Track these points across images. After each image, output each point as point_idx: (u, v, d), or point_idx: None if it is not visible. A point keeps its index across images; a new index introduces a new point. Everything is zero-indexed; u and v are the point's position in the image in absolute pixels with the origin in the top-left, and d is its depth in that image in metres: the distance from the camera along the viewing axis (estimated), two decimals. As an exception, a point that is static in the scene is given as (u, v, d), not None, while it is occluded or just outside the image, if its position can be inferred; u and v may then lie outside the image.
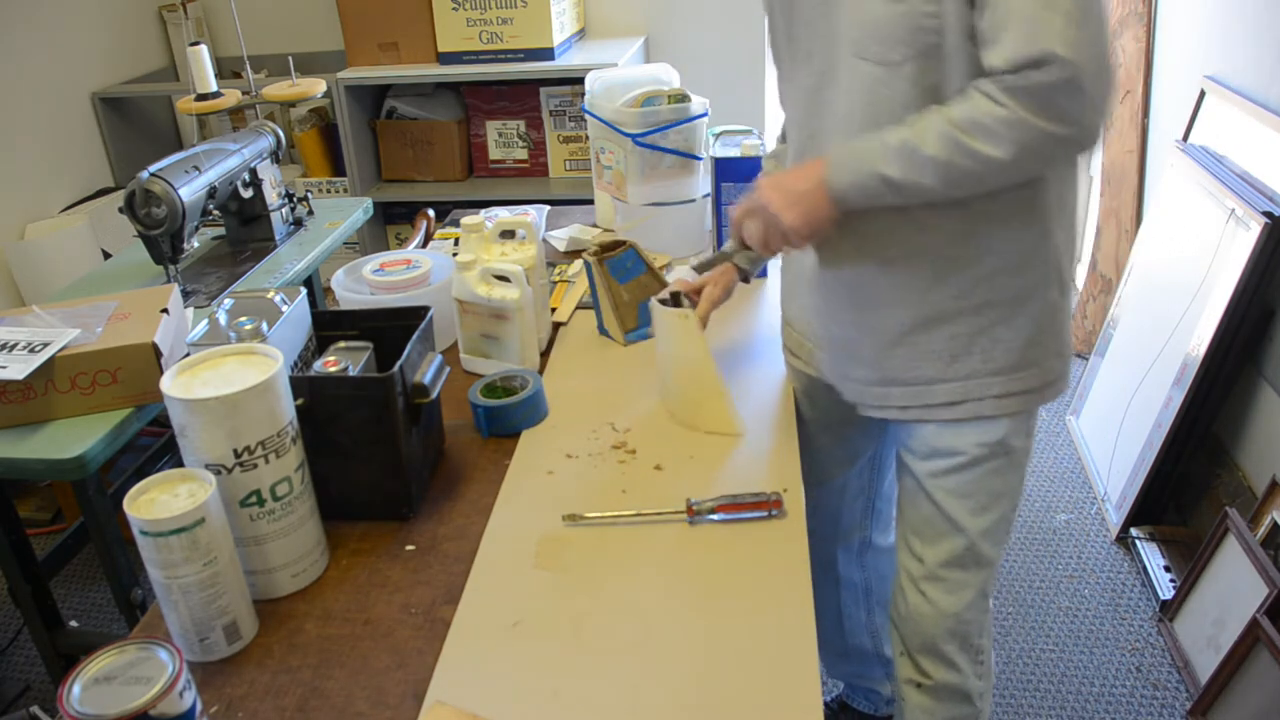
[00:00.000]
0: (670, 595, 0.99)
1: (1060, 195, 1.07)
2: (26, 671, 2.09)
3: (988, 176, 0.96)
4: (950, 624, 1.24)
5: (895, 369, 1.15)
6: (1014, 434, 1.15)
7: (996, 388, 1.11)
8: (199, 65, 2.16)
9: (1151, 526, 2.21)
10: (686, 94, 1.77)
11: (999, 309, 1.08)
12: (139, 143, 3.32)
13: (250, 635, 0.96)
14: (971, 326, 1.09)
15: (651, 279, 1.49)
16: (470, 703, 0.87)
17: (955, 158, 0.95)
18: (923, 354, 1.12)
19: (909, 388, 1.14)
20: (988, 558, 1.22)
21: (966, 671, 1.28)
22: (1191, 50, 2.48)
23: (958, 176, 0.96)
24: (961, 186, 0.98)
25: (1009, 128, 0.92)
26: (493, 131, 3.27)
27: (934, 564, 1.23)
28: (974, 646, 1.28)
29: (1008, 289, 1.08)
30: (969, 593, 1.23)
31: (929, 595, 1.24)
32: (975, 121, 0.93)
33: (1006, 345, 1.10)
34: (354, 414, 1.06)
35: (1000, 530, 1.21)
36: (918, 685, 1.30)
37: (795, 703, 0.85)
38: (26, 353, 1.37)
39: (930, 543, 1.23)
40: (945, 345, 1.11)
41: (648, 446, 1.24)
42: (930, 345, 1.11)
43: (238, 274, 1.96)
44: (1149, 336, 2.29)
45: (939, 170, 0.96)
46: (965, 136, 0.93)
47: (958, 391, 1.12)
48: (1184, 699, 1.85)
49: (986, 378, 1.11)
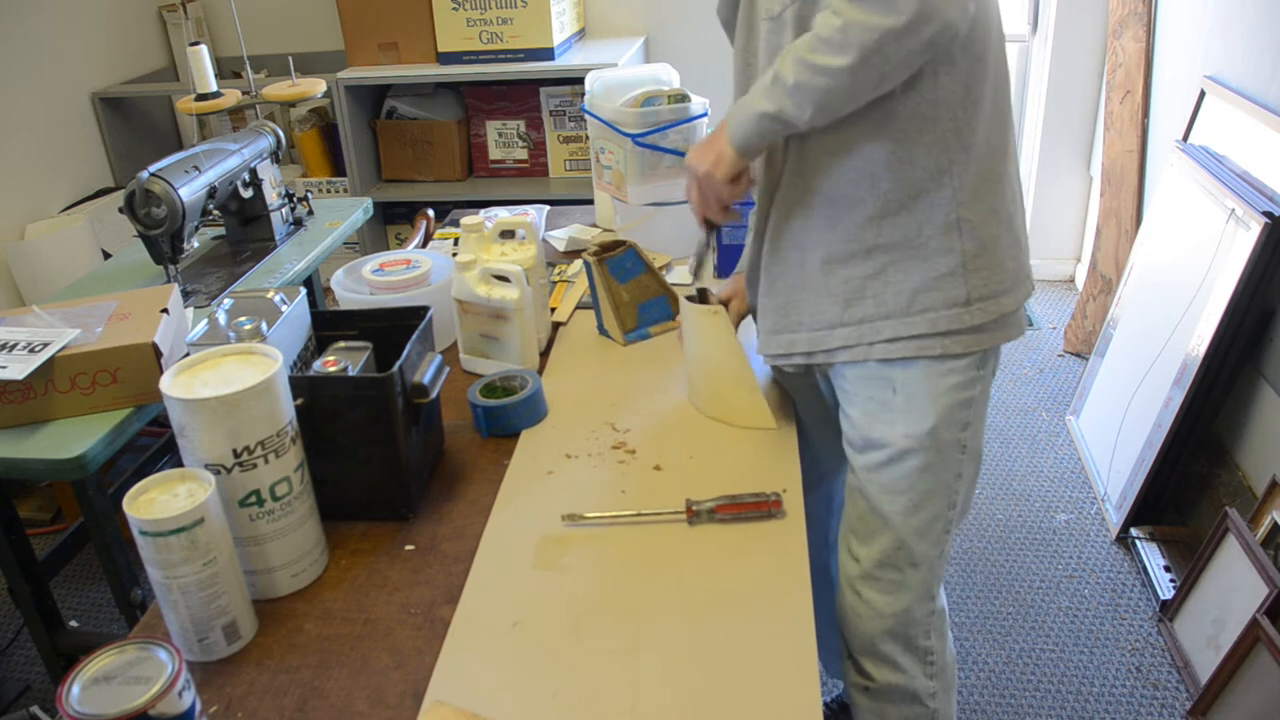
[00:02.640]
0: (670, 595, 0.99)
1: (958, 136, 1.04)
2: (26, 671, 2.09)
3: (843, 90, 0.98)
4: (889, 624, 1.23)
5: (801, 313, 1.16)
6: (945, 425, 1.13)
7: (887, 331, 1.11)
8: (199, 65, 2.16)
9: (1151, 526, 2.21)
10: (686, 94, 1.77)
11: (891, 252, 1.08)
12: (139, 143, 3.32)
13: (250, 635, 0.96)
14: (864, 270, 1.10)
15: (651, 279, 1.49)
16: (469, 703, 0.87)
17: (806, 77, 0.98)
18: (824, 297, 1.13)
19: (813, 333, 1.16)
20: (922, 557, 1.20)
21: (912, 672, 1.26)
22: (1191, 50, 2.48)
23: (819, 96, 0.98)
24: (828, 107, 1.00)
25: (843, 33, 0.94)
26: (493, 131, 3.27)
27: (869, 563, 1.22)
28: (920, 648, 1.26)
29: (896, 232, 1.07)
30: (906, 594, 1.22)
31: (864, 596, 1.24)
32: (818, 37, 0.96)
33: (897, 289, 1.09)
34: (353, 414, 1.06)
35: (934, 529, 1.19)
36: (864, 689, 1.30)
37: (795, 703, 0.85)
38: (26, 353, 1.37)
39: (864, 541, 1.22)
40: (841, 289, 1.12)
41: (647, 446, 1.24)
42: (829, 288, 1.12)
43: (238, 274, 1.96)
44: (1149, 336, 2.29)
45: (800, 94, 0.99)
46: (810, 54, 0.97)
47: (851, 335, 1.13)
48: (1184, 699, 1.85)
49: (878, 321, 1.11)
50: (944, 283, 1.08)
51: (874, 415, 1.16)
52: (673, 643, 0.93)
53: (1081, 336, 3.02)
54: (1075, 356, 3.05)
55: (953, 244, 1.07)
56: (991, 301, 1.10)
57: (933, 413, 1.13)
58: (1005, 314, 1.11)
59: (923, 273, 1.08)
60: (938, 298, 1.09)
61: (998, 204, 1.09)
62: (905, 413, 1.13)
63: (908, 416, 1.13)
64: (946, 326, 1.09)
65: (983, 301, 1.09)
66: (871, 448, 1.17)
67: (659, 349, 1.48)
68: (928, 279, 1.08)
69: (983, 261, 1.08)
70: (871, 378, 1.15)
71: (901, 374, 1.13)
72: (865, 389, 1.16)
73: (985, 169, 1.07)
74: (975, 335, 1.11)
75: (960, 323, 1.09)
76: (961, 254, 1.07)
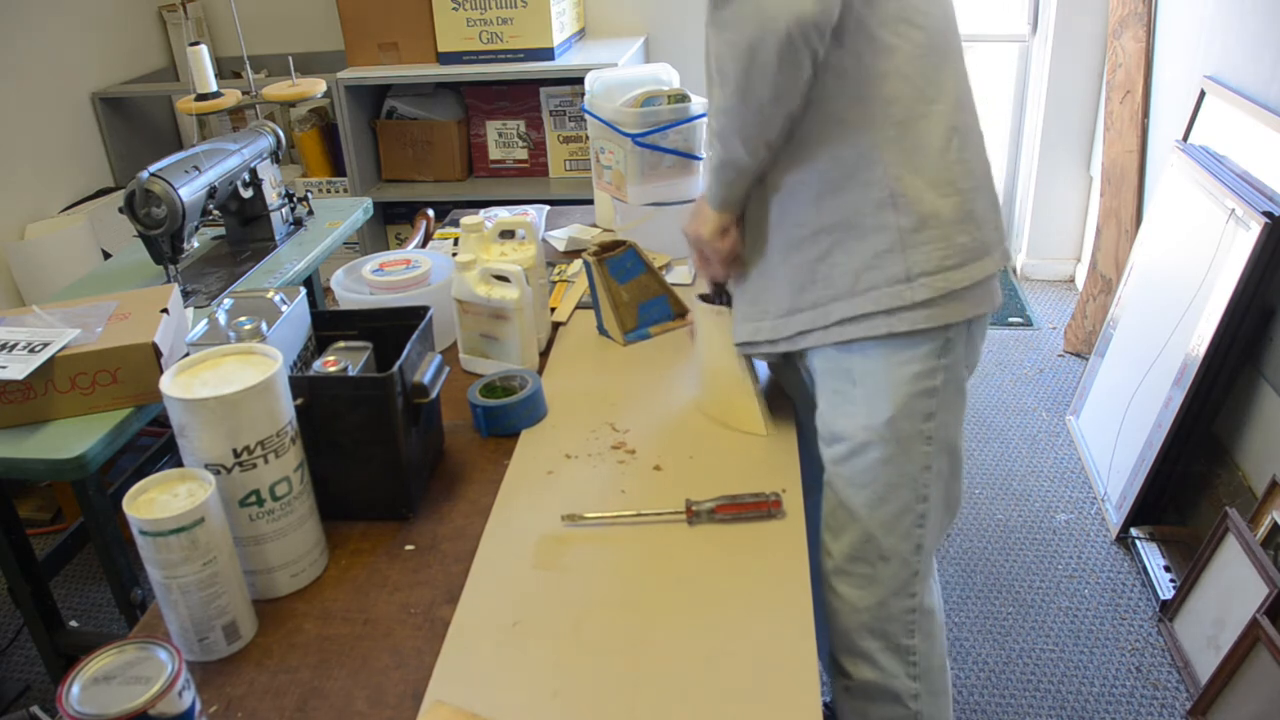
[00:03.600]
0: (669, 595, 0.99)
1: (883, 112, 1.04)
2: (26, 671, 2.09)
3: (747, 118, 1.01)
4: (865, 619, 1.23)
5: (766, 301, 1.17)
6: (905, 416, 1.12)
7: (836, 313, 1.11)
8: (199, 65, 2.16)
9: (1151, 526, 2.21)
10: (686, 94, 1.77)
11: (833, 234, 1.09)
12: (139, 143, 3.32)
13: (249, 635, 0.96)
14: (812, 253, 1.10)
15: (651, 279, 1.49)
16: (469, 702, 0.87)
17: (717, 122, 1.02)
18: (782, 283, 1.14)
19: (776, 320, 1.16)
20: (891, 551, 1.19)
21: (893, 671, 1.25)
22: (1191, 50, 2.48)
23: (735, 134, 1.03)
24: (753, 139, 1.04)
25: (717, 67, 0.98)
26: (493, 131, 3.27)
27: (840, 558, 1.22)
28: (902, 647, 1.24)
29: (836, 212, 1.08)
30: (879, 588, 1.21)
31: (838, 590, 1.23)
32: (708, 78, 1.01)
33: (843, 269, 1.09)
34: (353, 414, 1.06)
35: (903, 523, 1.18)
36: (845, 689, 1.29)
37: (795, 703, 0.85)
38: (26, 353, 1.37)
39: (835, 535, 1.22)
40: (795, 274, 1.13)
41: (647, 446, 1.24)
42: (786, 275, 1.14)
43: (238, 274, 1.96)
44: (1149, 336, 2.29)
45: (723, 138, 1.05)
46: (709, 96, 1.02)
47: (807, 320, 1.13)
48: (1184, 699, 1.85)
49: (829, 304, 1.11)
50: (883, 260, 1.07)
51: (836, 407, 1.16)
52: (672, 643, 0.93)
53: (1081, 336, 3.02)
54: (1075, 356, 3.05)
55: (887, 220, 1.06)
56: (938, 276, 1.07)
57: (891, 403, 1.12)
58: (955, 289, 1.08)
59: (862, 252, 1.08)
60: (878, 275, 1.08)
61: (939, 178, 1.07)
62: (864, 404, 1.13)
63: (866, 407, 1.13)
64: (889, 304, 1.08)
65: (926, 277, 1.07)
66: (835, 440, 1.18)
67: (659, 349, 1.48)
68: (868, 257, 1.08)
69: (922, 237, 1.07)
70: (833, 369, 1.15)
71: (860, 363, 1.12)
72: (829, 381, 1.17)
73: (918, 144, 1.06)
74: (924, 310, 1.08)
75: (902, 299, 1.08)
76: (898, 229, 1.06)
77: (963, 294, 1.09)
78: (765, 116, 1.02)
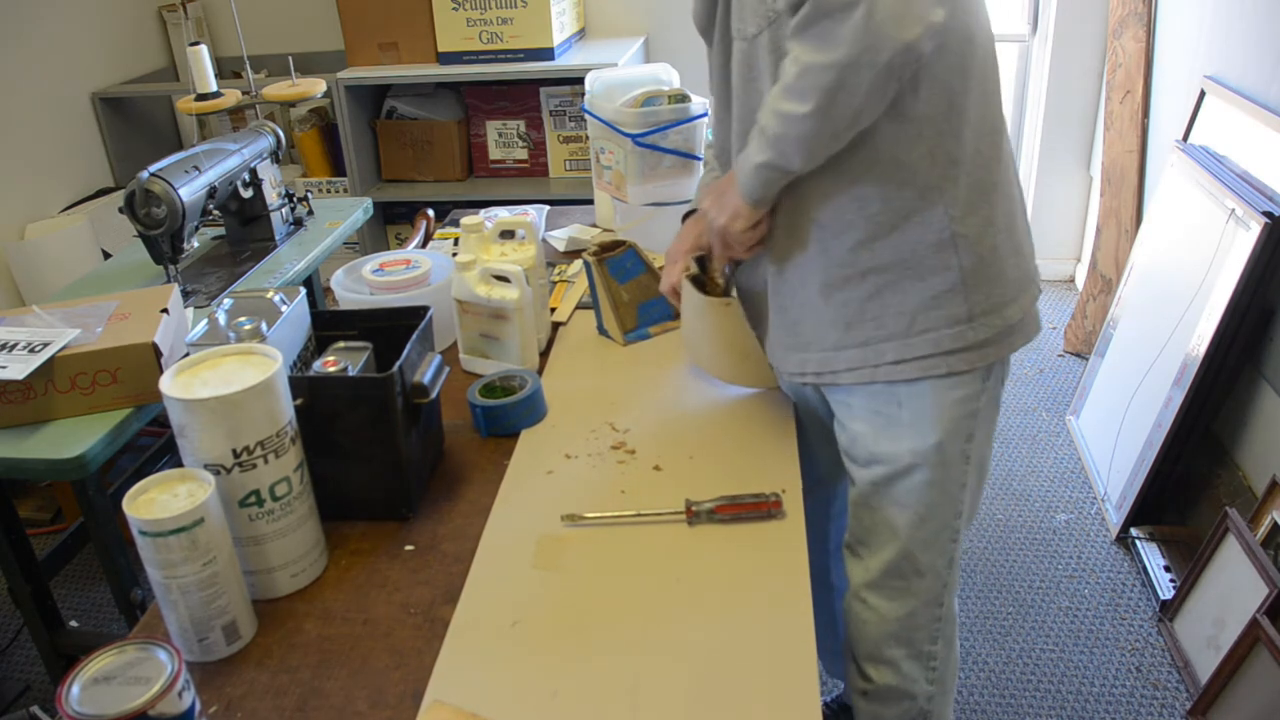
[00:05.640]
0: (669, 596, 0.99)
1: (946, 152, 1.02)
2: (26, 671, 2.09)
3: (818, 134, 0.97)
4: (893, 629, 1.23)
5: (808, 334, 1.15)
6: (951, 439, 1.12)
7: (890, 354, 1.09)
8: (199, 65, 2.16)
9: (1151, 526, 2.21)
10: (686, 94, 1.77)
11: (885, 274, 1.06)
12: (139, 143, 3.32)
13: (249, 635, 0.96)
14: (860, 293, 1.08)
15: (651, 279, 1.49)
16: (469, 702, 0.87)
17: (782, 128, 0.97)
18: (826, 320, 1.12)
19: (822, 353, 1.14)
20: (928, 566, 1.20)
21: (914, 676, 1.26)
22: (1191, 50, 2.48)
23: (797, 144, 0.98)
24: (812, 152, 1.00)
25: (801, 78, 0.93)
26: (493, 131, 3.27)
27: (875, 573, 1.22)
28: (924, 653, 1.26)
29: (889, 253, 1.05)
30: (912, 600, 1.22)
31: (870, 602, 1.24)
32: (783, 85, 0.96)
33: (896, 310, 1.08)
34: (353, 414, 1.06)
35: (941, 539, 1.19)
36: (864, 693, 1.30)
37: (794, 703, 0.85)
38: (26, 353, 1.37)
39: (871, 552, 1.22)
40: (841, 312, 1.10)
41: (647, 447, 1.24)
42: (830, 312, 1.11)
43: (238, 274, 1.96)
44: (1149, 336, 2.29)
45: (782, 144, 0.99)
46: (779, 104, 0.96)
47: (856, 358, 1.12)
48: (1184, 699, 1.85)
49: (880, 344, 1.10)
50: (944, 301, 1.06)
51: (880, 430, 1.15)
52: (672, 642, 0.93)
53: (1081, 336, 3.02)
54: (1075, 356, 3.05)
55: (949, 261, 1.05)
56: (995, 315, 1.08)
57: (939, 428, 1.12)
58: (1010, 324, 1.09)
59: (920, 292, 1.06)
60: (938, 317, 1.07)
61: (994, 214, 1.06)
62: (911, 427, 1.13)
63: (914, 431, 1.13)
64: (950, 345, 1.08)
65: (986, 316, 1.07)
66: (876, 462, 1.17)
67: (659, 349, 1.48)
68: (926, 298, 1.06)
69: (982, 276, 1.06)
70: (877, 393, 1.14)
71: (907, 390, 1.12)
72: (870, 403, 1.15)
73: (977, 181, 1.04)
74: (980, 351, 1.09)
75: (964, 340, 1.07)
76: (960, 270, 1.05)
77: (1013, 327, 1.10)
78: (838, 134, 0.98)
